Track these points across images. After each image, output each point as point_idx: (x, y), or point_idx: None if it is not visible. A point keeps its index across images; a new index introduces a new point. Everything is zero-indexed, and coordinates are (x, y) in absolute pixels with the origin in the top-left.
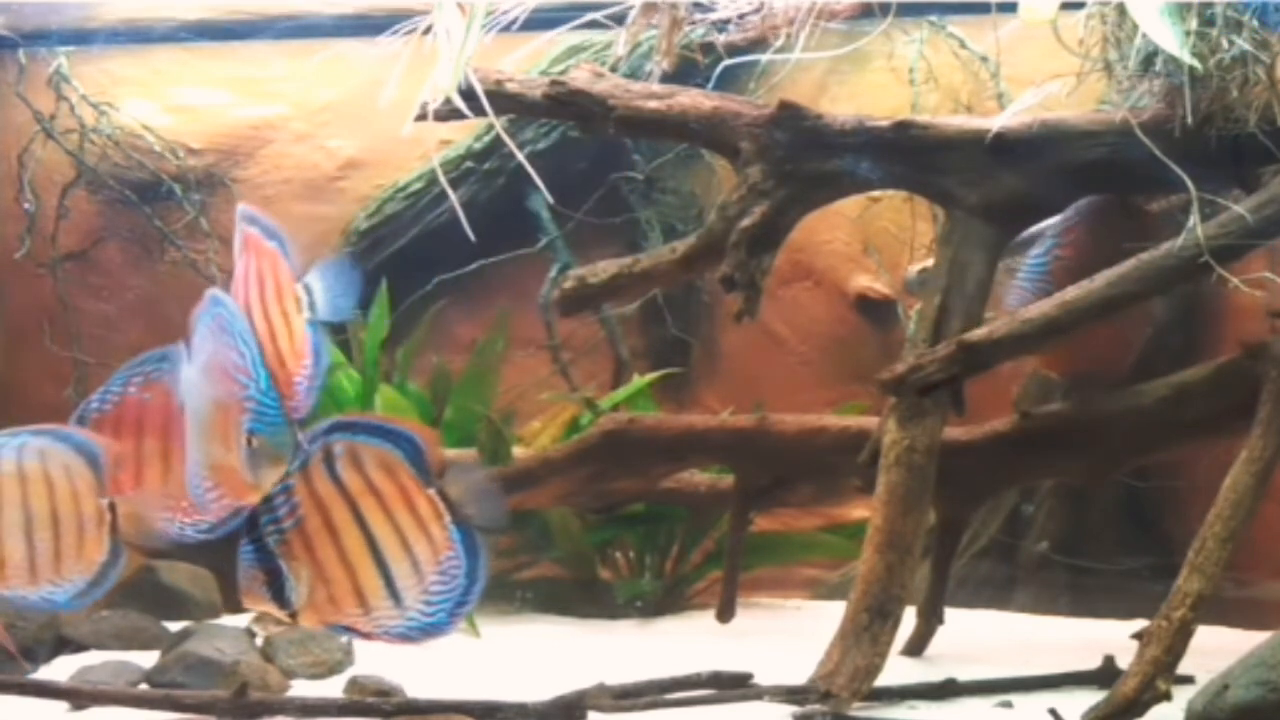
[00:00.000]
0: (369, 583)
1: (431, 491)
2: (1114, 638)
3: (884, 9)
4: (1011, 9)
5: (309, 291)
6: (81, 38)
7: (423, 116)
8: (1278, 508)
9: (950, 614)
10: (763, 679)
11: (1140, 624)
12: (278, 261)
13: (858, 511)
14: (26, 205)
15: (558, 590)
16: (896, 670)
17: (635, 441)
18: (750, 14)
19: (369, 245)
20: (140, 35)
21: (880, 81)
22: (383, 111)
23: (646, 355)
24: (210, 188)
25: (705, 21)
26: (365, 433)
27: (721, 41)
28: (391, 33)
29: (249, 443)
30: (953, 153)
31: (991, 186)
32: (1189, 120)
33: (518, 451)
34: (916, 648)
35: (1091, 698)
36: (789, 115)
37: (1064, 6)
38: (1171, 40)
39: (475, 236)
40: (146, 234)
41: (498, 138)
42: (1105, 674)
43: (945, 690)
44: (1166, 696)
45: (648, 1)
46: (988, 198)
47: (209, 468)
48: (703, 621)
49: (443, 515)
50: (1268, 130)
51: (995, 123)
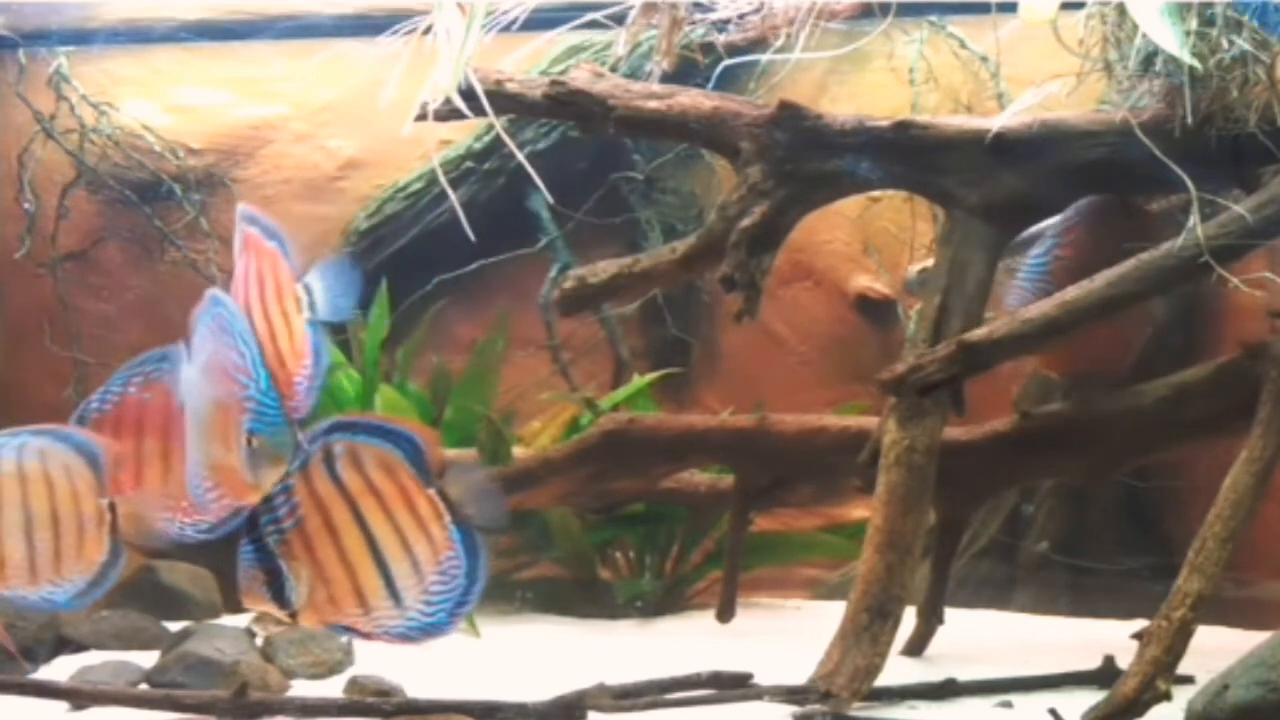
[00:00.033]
0: (369, 583)
1: (431, 491)
2: (1114, 638)
3: (884, 9)
4: (1011, 9)
5: (309, 291)
6: (81, 38)
7: (423, 116)
8: (1278, 508)
9: (950, 614)
10: (763, 679)
11: (1140, 624)
12: (278, 261)
13: (858, 511)
14: (26, 205)
15: (558, 590)
16: (896, 670)
17: (635, 441)
18: (750, 14)
19: (369, 245)
20: (140, 35)
21: (880, 81)
22: (383, 111)
23: (646, 355)
24: (210, 188)
25: (705, 21)
26: (365, 433)
27: (721, 41)
28: (391, 33)
29: (249, 443)
30: (953, 153)
31: (991, 186)
32: (1189, 120)
33: (518, 451)
34: (916, 648)
35: (1091, 698)
36: (789, 115)
37: (1064, 6)
38: (1171, 40)
39: (475, 236)
40: (146, 234)
41: (498, 138)
42: (1105, 674)
43: (945, 690)
44: (1166, 696)
45: (648, 1)
46: (988, 198)
47: (209, 468)
48: (703, 621)
49: (443, 515)
50: (1268, 130)
51: (995, 123)
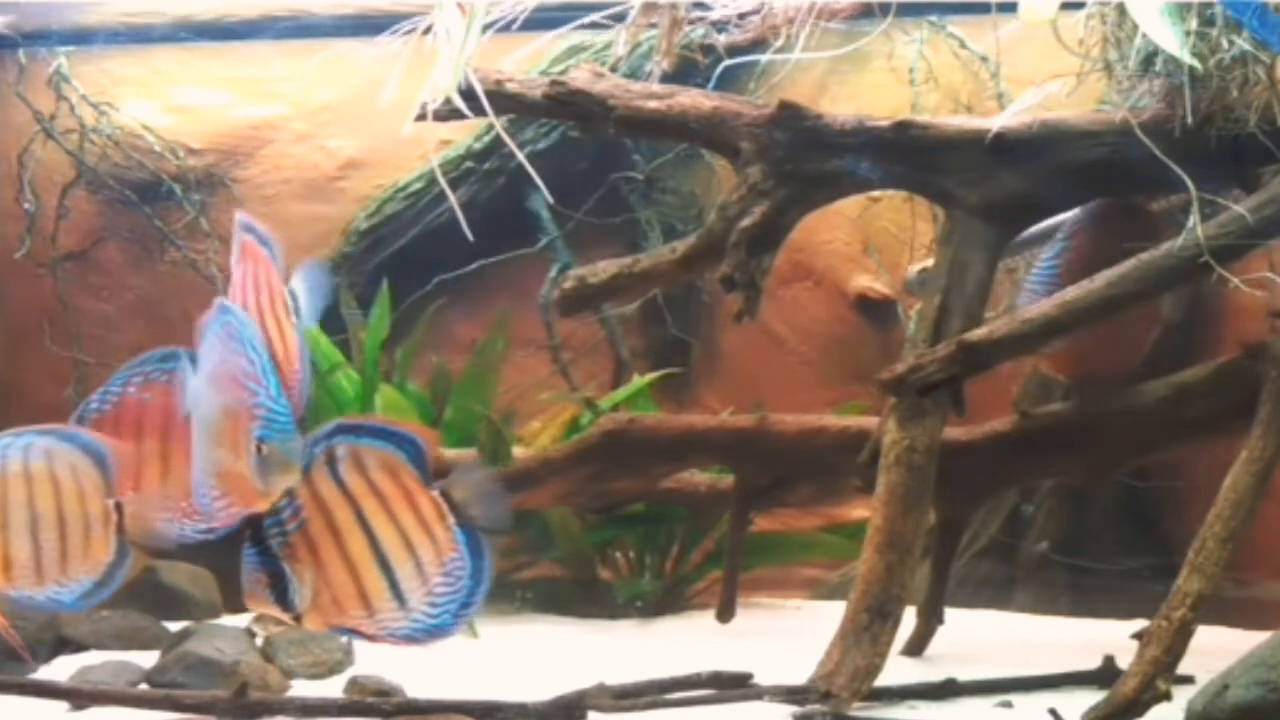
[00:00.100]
0: (373, 585)
1: (435, 493)
2: (1114, 638)
3: (884, 9)
4: (1011, 9)
5: (293, 297)
6: (81, 38)
7: (423, 116)
8: (1278, 508)
9: (950, 614)
10: (763, 679)
11: (1140, 624)
12: (272, 269)
13: (858, 511)
14: (26, 205)
15: (558, 590)
16: (896, 670)
17: (635, 441)
18: (750, 14)
19: (369, 245)
20: (140, 35)
21: (880, 81)
22: (383, 111)
23: (646, 355)
24: (210, 188)
25: (705, 21)
26: (368, 435)
27: (721, 41)
28: (391, 33)
29: (259, 450)
30: (953, 153)
31: (991, 186)
32: (1189, 120)
33: (518, 451)
34: (916, 648)
35: (1091, 698)
36: (789, 115)
37: (1064, 6)
38: (1171, 40)
39: (475, 236)
40: (146, 234)
41: (498, 138)
42: (1105, 674)
43: (945, 690)
44: (1166, 696)
45: (648, 1)
46: (988, 198)
47: (217, 476)
48: (703, 621)
49: (446, 516)
50: (1268, 130)
51: (995, 123)
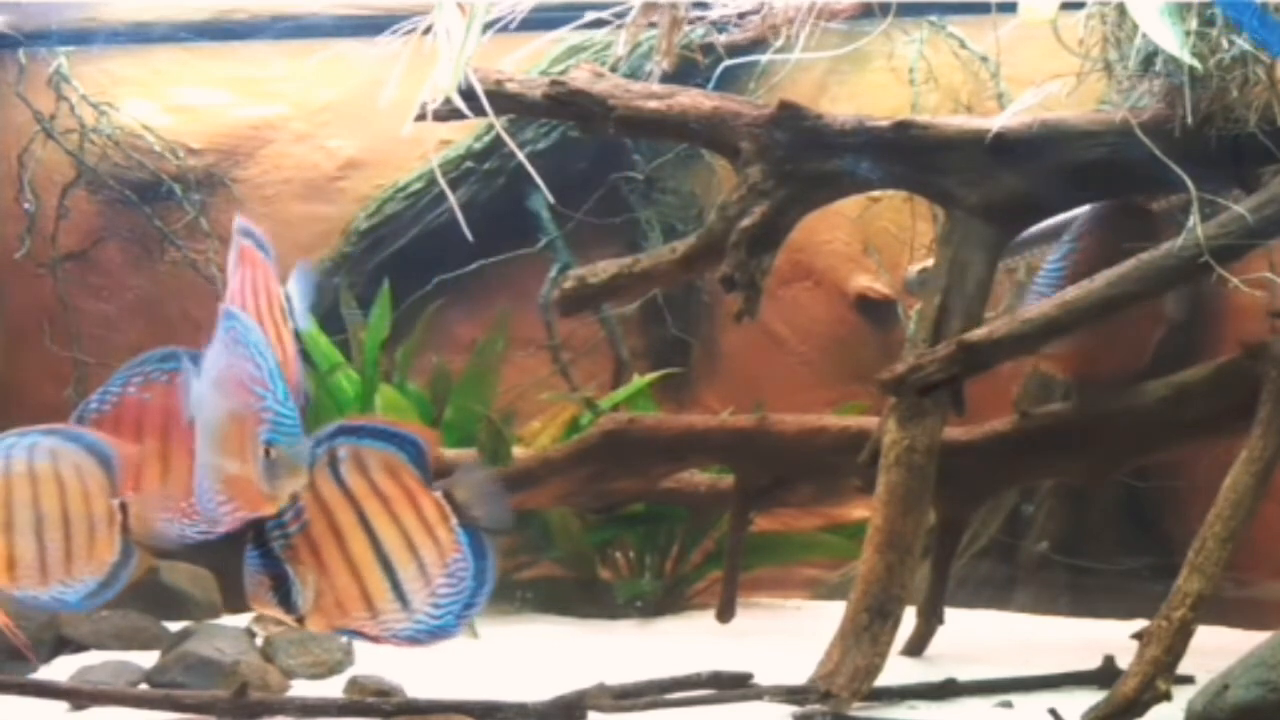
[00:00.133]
0: (375, 586)
1: (437, 494)
2: (1114, 638)
3: (884, 9)
4: (1011, 9)
5: (288, 300)
6: (81, 38)
7: (423, 116)
8: (1278, 508)
9: (950, 614)
10: (763, 679)
11: (1140, 624)
12: (270, 273)
13: (858, 511)
14: (26, 205)
15: (558, 590)
16: (896, 670)
17: (635, 441)
18: (750, 14)
19: (369, 245)
20: (140, 35)
21: (880, 81)
22: (383, 111)
23: (646, 355)
24: (210, 188)
25: (705, 21)
26: (369, 436)
27: (721, 41)
28: (391, 33)
29: (266, 454)
30: (953, 153)
31: (991, 186)
32: (1189, 120)
33: (518, 451)
34: (916, 648)
35: (1091, 698)
36: (789, 115)
37: (1064, 6)
38: (1171, 40)
39: (475, 236)
40: (146, 234)
41: (498, 138)
42: (1105, 674)
43: (945, 690)
44: (1166, 696)
45: (648, 1)
46: (988, 198)
47: (223, 480)
48: (703, 621)
49: (449, 517)
50: (1268, 130)
51: (995, 123)
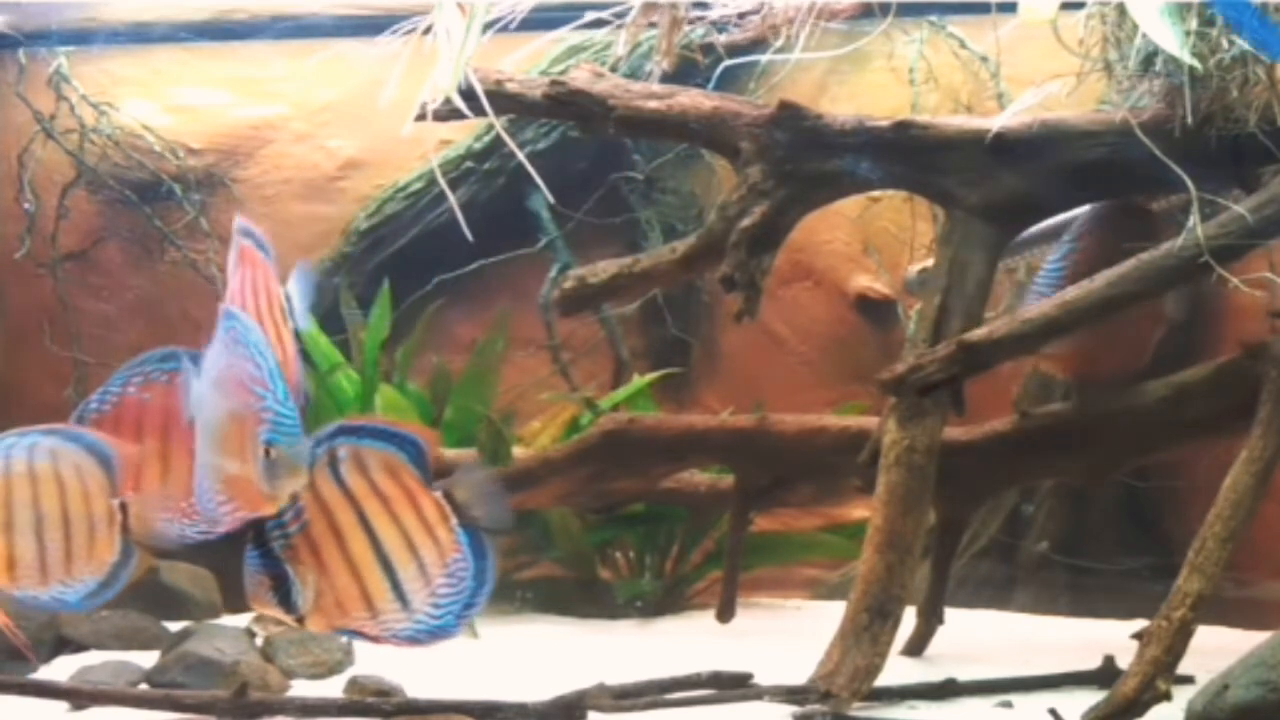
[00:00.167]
0: (376, 586)
1: (437, 494)
2: (1114, 638)
3: (884, 9)
4: (1011, 9)
5: (288, 300)
6: (81, 38)
7: (423, 116)
8: (1278, 508)
9: (950, 614)
10: (763, 679)
11: (1140, 624)
12: (270, 273)
13: (858, 511)
14: (26, 205)
15: (558, 590)
16: (896, 670)
17: (635, 441)
18: (750, 14)
19: (369, 245)
20: (140, 35)
21: (880, 81)
22: (383, 111)
23: (646, 355)
24: (210, 188)
25: (705, 21)
26: (369, 436)
27: (721, 41)
28: (391, 33)
29: (266, 454)
30: (953, 153)
31: (991, 186)
32: (1189, 120)
33: (518, 451)
34: (916, 648)
35: (1091, 698)
36: (789, 115)
37: (1064, 6)
38: (1171, 40)
39: (475, 236)
40: (146, 234)
41: (498, 138)
42: (1105, 674)
43: (945, 690)
44: (1166, 696)
45: (648, 1)
46: (988, 198)
47: (224, 480)
48: (703, 621)
49: (449, 517)
50: (1268, 130)
51: (995, 123)
